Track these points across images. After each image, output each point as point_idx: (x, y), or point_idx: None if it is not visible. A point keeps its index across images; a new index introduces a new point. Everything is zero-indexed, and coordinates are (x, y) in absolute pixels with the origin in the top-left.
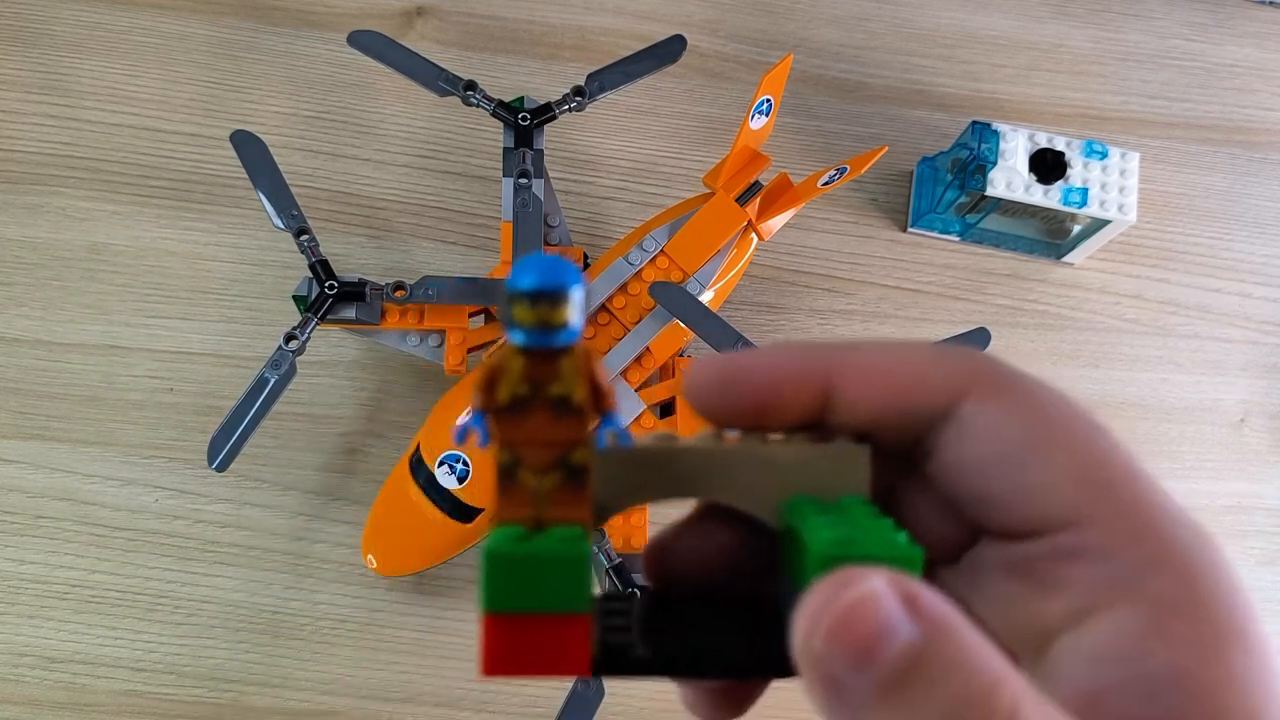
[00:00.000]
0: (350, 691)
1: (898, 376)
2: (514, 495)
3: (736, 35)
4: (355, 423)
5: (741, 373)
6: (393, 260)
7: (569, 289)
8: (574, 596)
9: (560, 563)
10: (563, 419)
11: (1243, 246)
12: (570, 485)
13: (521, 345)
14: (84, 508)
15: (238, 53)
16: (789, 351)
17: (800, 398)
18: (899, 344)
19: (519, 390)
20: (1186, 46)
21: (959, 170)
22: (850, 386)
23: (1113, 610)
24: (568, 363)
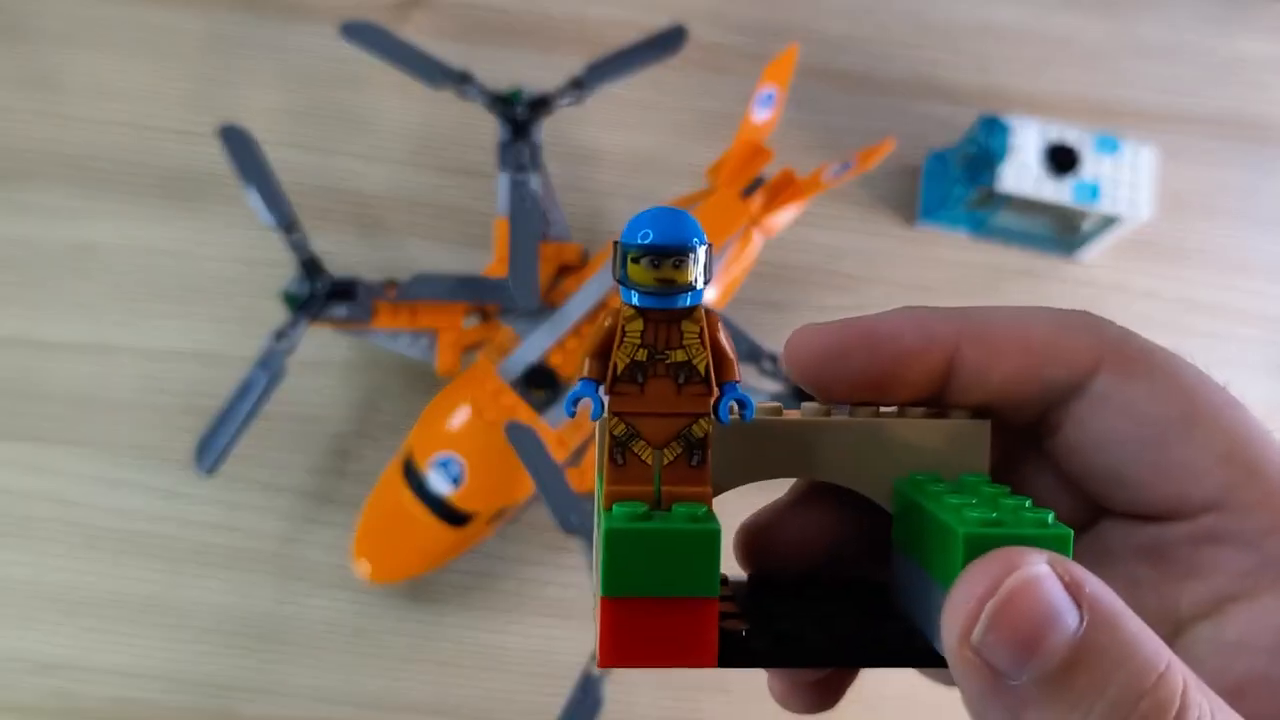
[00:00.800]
0: (343, 699)
1: (1029, 348)
2: (628, 471)
3: (739, 26)
4: (346, 424)
5: (859, 342)
6: (385, 258)
7: (693, 244)
8: (704, 579)
9: (692, 540)
10: (685, 388)
11: (1258, 243)
12: (690, 460)
13: (640, 307)
14: (73, 510)
15: (228, 46)
16: (911, 319)
17: (923, 370)
18: (1026, 310)
19: (637, 356)
20: (1200, 40)
21: (968, 165)
22: (978, 358)
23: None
24: (690, 327)
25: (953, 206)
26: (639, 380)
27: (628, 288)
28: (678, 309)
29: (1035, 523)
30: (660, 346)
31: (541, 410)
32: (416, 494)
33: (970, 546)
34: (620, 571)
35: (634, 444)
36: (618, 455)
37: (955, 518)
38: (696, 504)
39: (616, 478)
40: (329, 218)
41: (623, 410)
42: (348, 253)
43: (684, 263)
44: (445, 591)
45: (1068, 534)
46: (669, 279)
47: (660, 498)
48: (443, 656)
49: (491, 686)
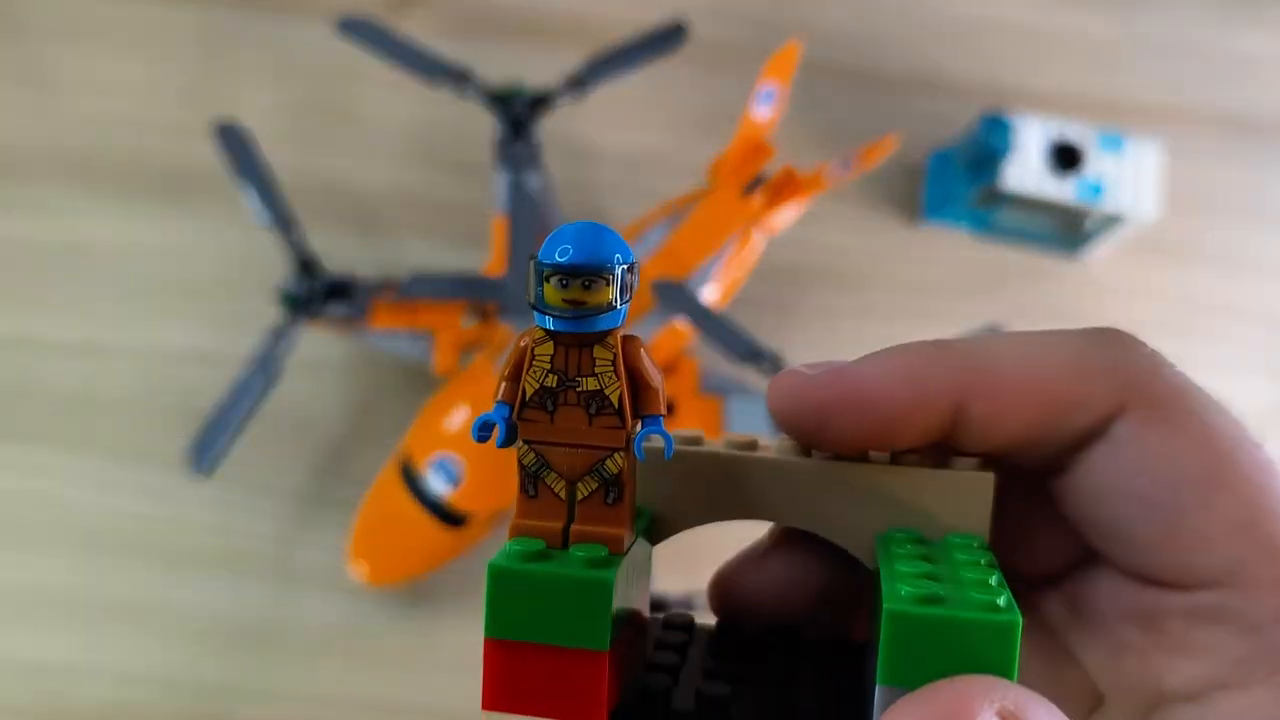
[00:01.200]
0: (339, 701)
1: (1045, 393)
2: (539, 504)
3: (740, 22)
4: (342, 425)
5: (846, 402)
6: (382, 257)
7: (609, 265)
8: (591, 631)
9: (577, 589)
10: (596, 419)
11: (1265, 242)
12: (604, 496)
13: (550, 330)
14: (67, 511)
15: (224, 43)
16: (911, 364)
17: (919, 430)
18: (1041, 347)
19: (547, 382)
20: (1205, 37)
21: (971, 163)
22: (986, 411)
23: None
24: (602, 353)
25: (956, 205)
26: (548, 408)
27: (539, 310)
28: (589, 334)
29: (982, 605)
30: (571, 373)
31: None
32: (414, 495)
33: (894, 625)
34: (504, 613)
35: (546, 475)
36: (529, 486)
37: (889, 588)
38: (599, 545)
39: (525, 510)
40: (326, 216)
41: (532, 438)
42: (345, 252)
43: (595, 283)
44: (442, 593)
45: (1013, 622)
46: (578, 300)
47: (568, 536)
48: (440, 658)
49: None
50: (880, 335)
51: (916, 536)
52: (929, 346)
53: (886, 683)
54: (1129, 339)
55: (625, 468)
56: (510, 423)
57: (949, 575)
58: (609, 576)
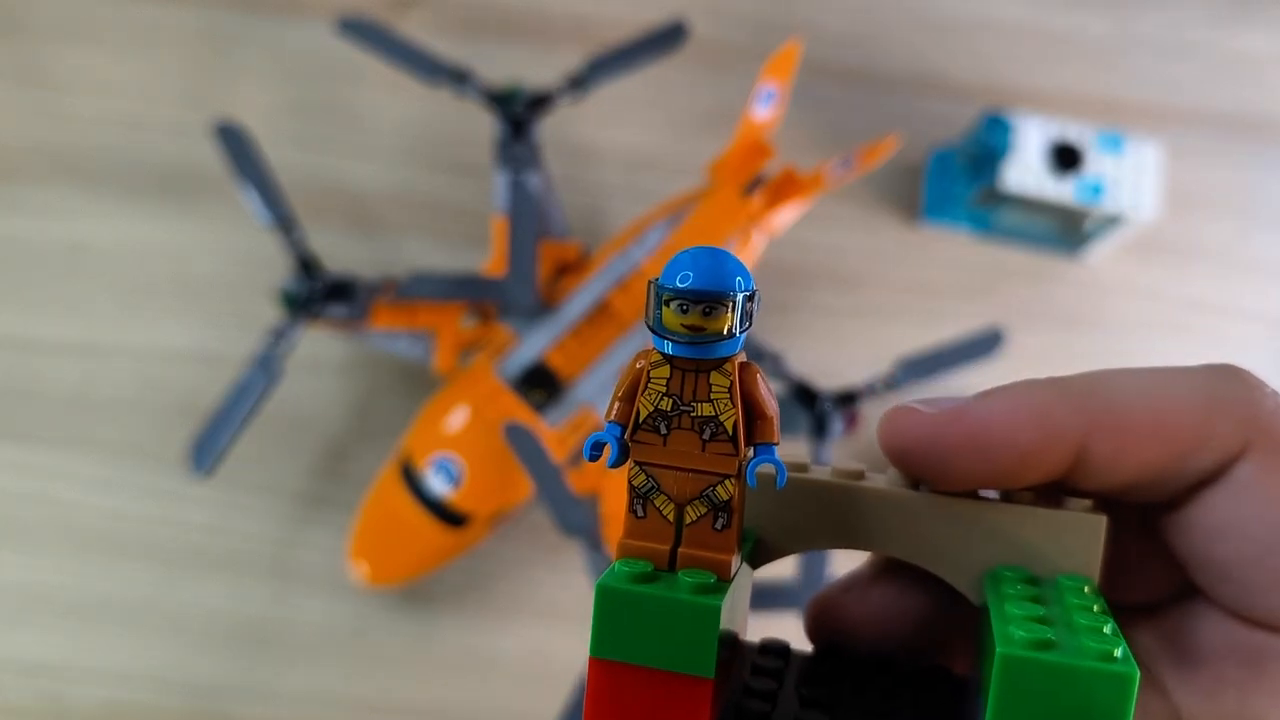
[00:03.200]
0: (338, 701)
1: (1170, 433)
2: (647, 525)
3: (740, 22)
4: (342, 425)
5: (968, 442)
6: (382, 257)
7: (730, 292)
8: (697, 657)
9: (685, 613)
10: (709, 445)
11: (1264, 242)
12: (713, 522)
13: (667, 354)
14: (66, 511)
15: (223, 43)
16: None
17: (1042, 470)
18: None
19: (661, 405)
20: (1205, 37)
21: (971, 163)
22: (1109, 452)
23: None
24: (719, 380)
25: (956, 205)
26: (662, 430)
27: (657, 334)
28: (707, 359)
29: (1099, 655)
30: (687, 397)
31: (540, 410)
32: (414, 495)
33: (1007, 668)
34: (609, 633)
35: (655, 497)
36: (637, 507)
37: (1001, 630)
38: (708, 572)
39: (633, 531)
40: (326, 216)
41: (643, 460)
42: (345, 251)
43: (715, 310)
44: (442, 593)
45: (1132, 675)
46: (697, 326)
47: (675, 559)
48: (439, 659)
49: (488, 689)
50: (880, 335)
51: (1027, 576)
52: (1050, 386)
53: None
54: (1251, 378)
55: (735, 494)
56: (622, 443)
57: (1061, 619)
58: (717, 603)
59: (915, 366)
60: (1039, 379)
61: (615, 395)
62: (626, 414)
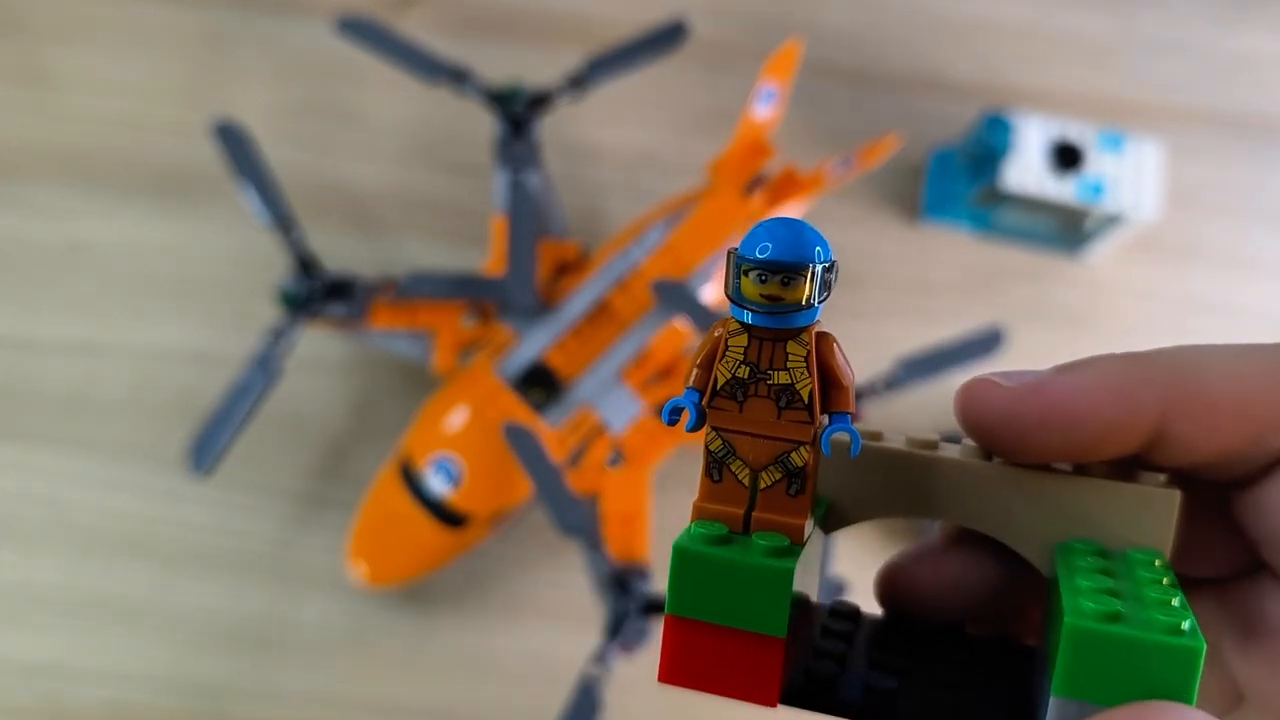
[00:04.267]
0: (337, 702)
1: (1251, 413)
2: (722, 489)
3: (740, 21)
4: (342, 425)
5: (1050, 415)
6: (382, 256)
7: (810, 262)
8: (769, 617)
9: (758, 576)
10: (785, 413)
11: (1264, 242)
12: (787, 488)
13: (745, 323)
14: (65, 511)
15: (222, 42)
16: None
17: (1121, 445)
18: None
19: (739, 373)
20: (1206, 36)
21: (971, 162)
22: (1189, 430)
23: None
24: (796, 349)
25: (956, 204)
26: (738, 398)
27: (736, 302)
28: (785, 329)
29: (1166, 628)
30: (764, 365)
31: (540, 410)
32: (414, 495)
33: (1075, 640)
34: (685, 592)
35: (731, 462)
36: (714, 471)
37: (1071, 602)
38: (781, 535)
39: (709, 494)
40: (325, 216)
41: (720, 426)
42: (344, 251)
43: (794, 280)
44: (441, 593)
45: (1199, 648)
46: (775, 296)
47: (749, 522)
48: (439, 659)
49: (488, 689)
50: (880, 335)
51: (1097, 549)
52: (1129, 361)
53: (1062, 694)
54: None
55: (810, 461)
56: (700, 408)
57: (1130, 592)
58: (790, 565)
59: (915, 366)
60: (1119, 353)
61: (693, 362)
62: (704, 380)
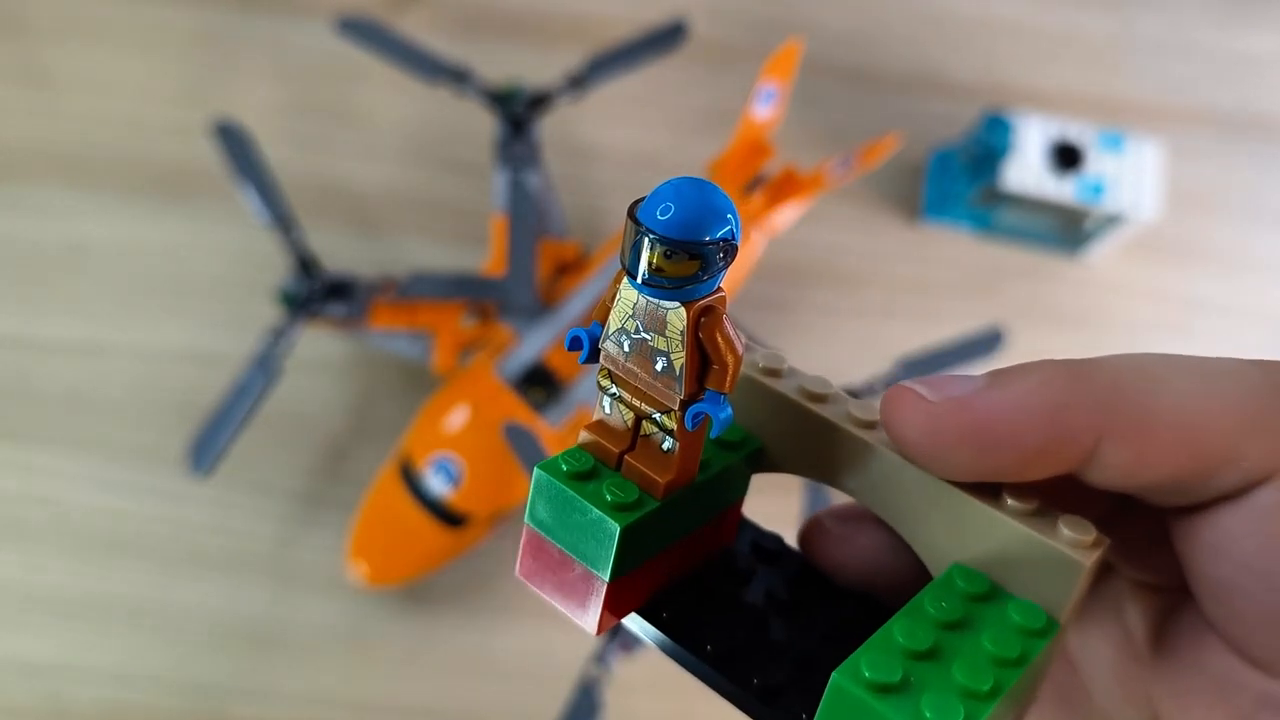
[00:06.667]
0: (337, 701)
1: (1194, 449)
2: (606, 425)
3: (740, 21)
4: (342, 425)
5: (981, 432)
6: (382, 256)
7: (698, 241)
8: (598, 560)
9: (591, 520)
10: (660, 376)
11: (1265, 242)
12: (662, 442)
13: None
14: (65, 511)
15: (222, 42)
16: (1048, 399)
17: (1051, 465)
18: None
19: (626, 325)
20: (1206, 37)
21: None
22: (1127, 455)
23: None
24: (676, 321)
25: (956, 204)
26: (625, 347)
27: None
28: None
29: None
30: (647, 326)
31: (540, 410)
32: (414, 495)
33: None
34: (538, 510)
35: (618, 399)
36: (603, 404)
37: (855, 656)
38: (635, 488)
39: (594, 427)
40: (325, 215)
41: (609, 363)
42: (344, 251)
43: (676, 255)
44: (441, 593)
45: None
46: (659, 267)
47: (621, 462)
48: (438, 659)
49: (488, 689)
50: (880, 335)
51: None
52: (1067, 374)
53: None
54: None
55: (679, 429)
56: (595, 345)
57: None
58: (616, 527)
59: (915, 366)
60: (1057, 362)
61: (603, 298)
62: (602, 316)
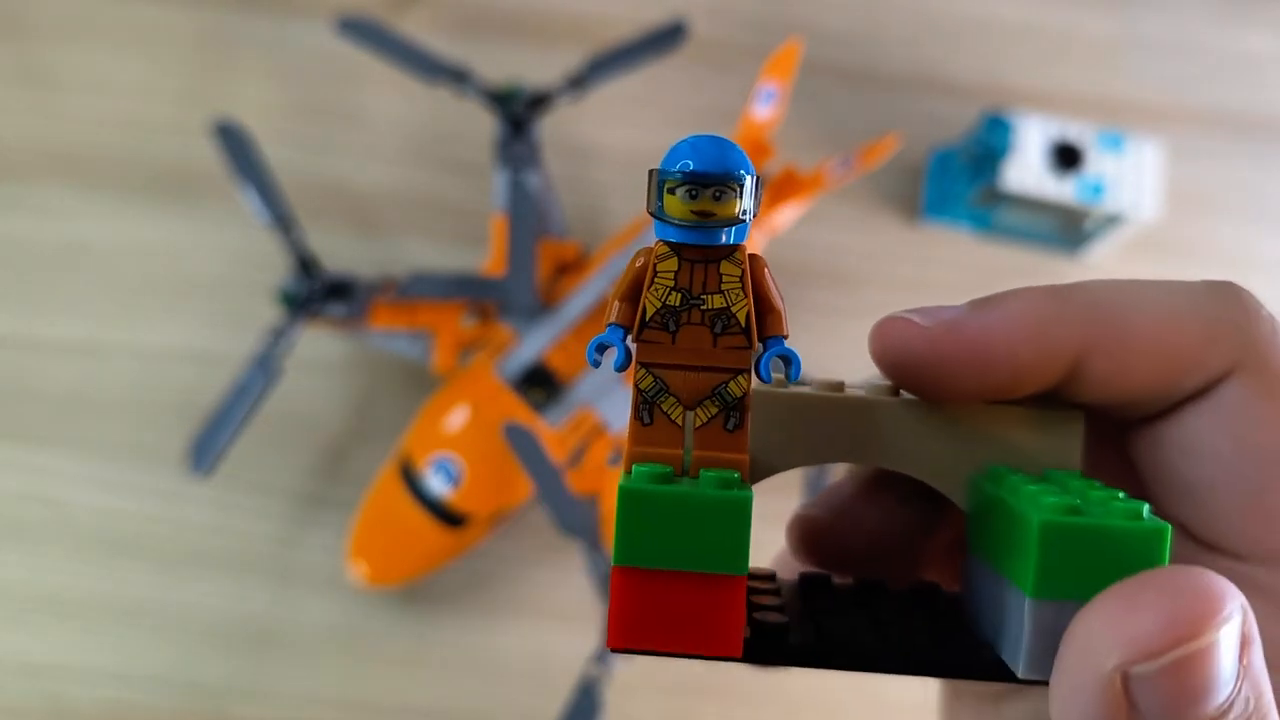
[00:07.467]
0: (337, 701)
1: (1169, 356)
2: (655, 432)
3: (740, 21)
4: (342, 425)
5: (967, 354)
6: (382, 256)
7: (739, 174)
8: (731, 553)
9: (718, 508)
10: (721, 339)
11: (1265, 242)
12: (725, 422)
13: (675, 243)
14: (65, 511)
15: (222, 42)
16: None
17: (1043, 379)
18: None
19: (669, 300)
20: (1206, 36)
21: (971, 162)
22: (1106, 369)
23: None
24: (730, 269)
25: (956, 204)
26: (670, 328)
27: (662, 221)
28: (717, 247)
29: (1127, 514)
30: (696, 290)
31: (540, 410)
32: (414, 495)
33: (1046, 536)
34: (635, 538)
35: (663, 401)
36: (644, 413)
37: (1030, 505)
38: (728, 470)
39: (641, 438)
40: (325, 216)
41: (651, 361)
42: (344, 251)
43: (725, 194)
44: (441, 593)
45: (1164, 530)
46: (707, 211)
47: (689, 463)
48: (439, 659)
49: (488, 689)
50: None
51: (1018, 472)
52: (1049, 295)
53: (1039, 596)
54: (1250, 298)
55: (749, 391)
56: (627, 345)
57: (1079, 494)
58: (747, 495)
59: None
60: (1036, 288)
61: (615, 295)
62: (630, 315)
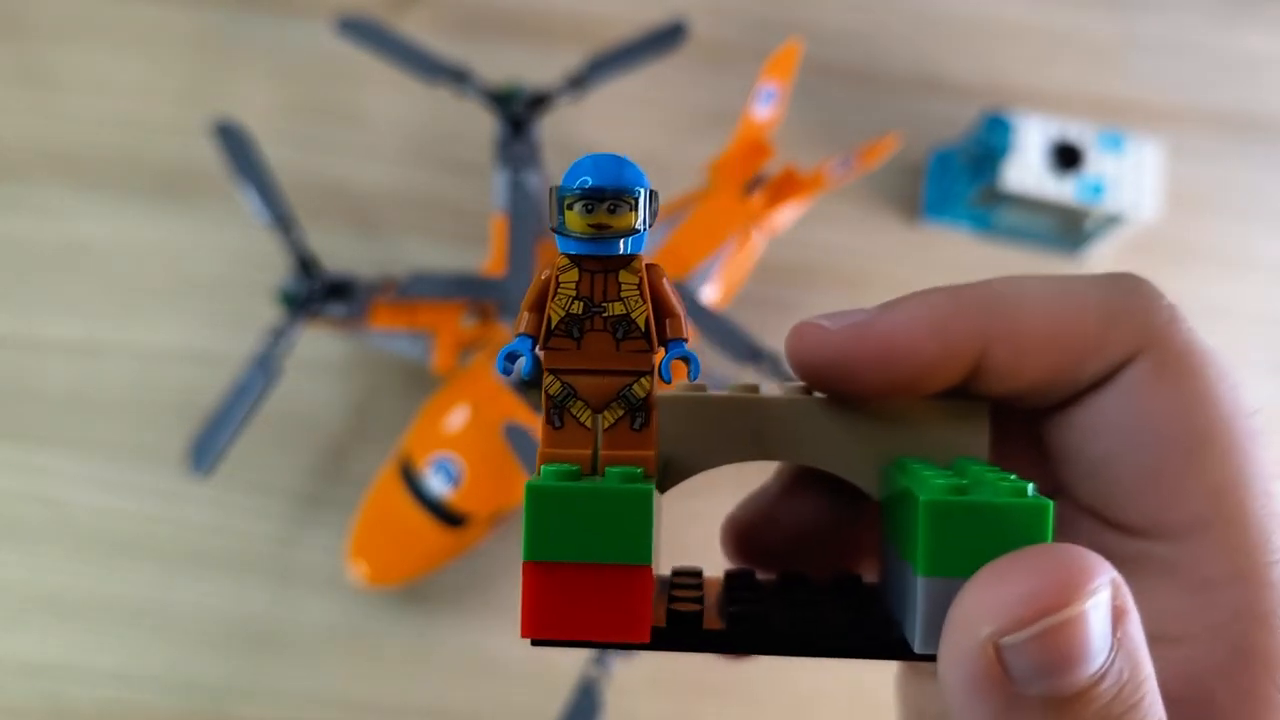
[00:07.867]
0: (337, 701)
1: (1067, 341)
2: (565, 434)
3: (740, 21)
4: (342, 425)
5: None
6: (382, 256)
7: (631, 187)
8: (635, 544)
9: (620, 501)
10: (623, 344)
11: (1265, 242)
12: (630, 423)
13: (575, 255)
14: (65, 511)
15: (221, 42)
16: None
17: (949, 374)
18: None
19: (572, 309)
20: (1206, 36)
21: (971, 162)
22: (1007, 360)
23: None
24: (628, 277)
25: (956, 204)
26: (575, 335)
27: (563, 235)
28: (614, 257)
29: (1012, 491)
30: (597, 299)
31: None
32: (414, 495)
33: (932, 515)
34: (544, 533)
35: (572, 405)
36: (554, 417)
37: (920, 486)
38: (633, 466)
39: (552, 441)
40: (325, 215)
41: (558, 367)
42: (344, 251)
43: (620, 207)
44: (441, 593)
45: (1046, 506)
46: (603, 224)
47: (597, 462)
48: (438, 659)
49: (488, 689)
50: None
51: (926, 462)
52: (948, 295)
53: (928, 574)
54: (1149, 287)
55: (652, 392)
56: (535, 354)
57: (973, 478)
58: (649, 488)
59: None
60: (939, 288)
61: (524, 306)
62: (536, 324)
